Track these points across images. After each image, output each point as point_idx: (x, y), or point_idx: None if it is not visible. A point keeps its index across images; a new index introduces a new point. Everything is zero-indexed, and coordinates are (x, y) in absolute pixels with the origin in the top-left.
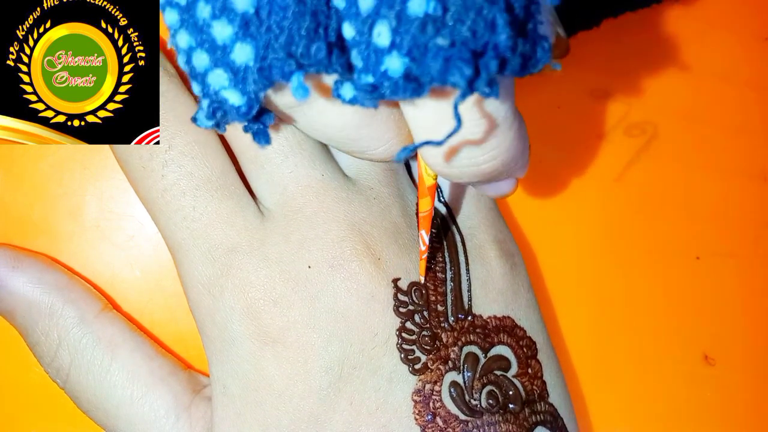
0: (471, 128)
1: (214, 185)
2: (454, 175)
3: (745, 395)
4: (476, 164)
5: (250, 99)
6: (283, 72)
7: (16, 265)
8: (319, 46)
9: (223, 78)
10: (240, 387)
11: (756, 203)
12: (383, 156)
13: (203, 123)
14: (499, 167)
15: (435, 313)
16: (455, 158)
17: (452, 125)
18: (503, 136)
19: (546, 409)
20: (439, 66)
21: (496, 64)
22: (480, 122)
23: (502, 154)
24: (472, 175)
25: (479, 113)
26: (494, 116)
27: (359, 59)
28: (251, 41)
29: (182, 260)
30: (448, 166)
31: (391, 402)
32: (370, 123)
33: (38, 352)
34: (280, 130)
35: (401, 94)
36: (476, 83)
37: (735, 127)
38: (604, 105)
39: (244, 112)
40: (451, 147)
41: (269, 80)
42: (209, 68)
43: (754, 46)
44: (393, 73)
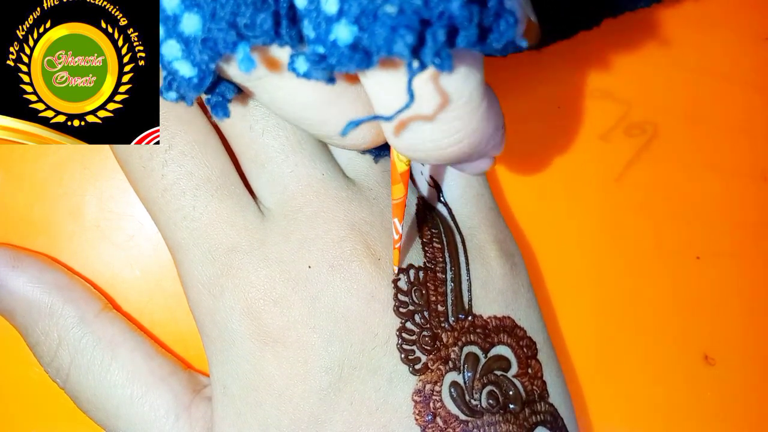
0: (425, 104)
1: (214, 185)
2: (420, 158)
3: (745, 395)
4: (440, 147)
5: (201, 70)
6: (226, 43)
7: (16, 264)
8: (265, 17)
9: (175, 49)
10: (240, 387)
11: (756, 203)
12: (353, 142)
13: (166, 95)
14: (466, 149)
15: (435, 313)
16: (417, 140)
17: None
18: (468, 118)
19: (546, 409)
20: (385, 34)
21: (444, 33)
22: (435, 99)
23: (468, 137)
24: (438, 158)
25: (434, 88)
26: (453, 94)
27: (310, 29)
28: (198, 11)
29: (182, 260)
30: (411, 148)
31: (392, 402)
32: (334, 103)
33: (38, 352)
34: (280, 129)
35: (347, 64)
36: (422, 53)
37: (735, 127)
38: (604, 105)
39: (195, 84)
40: (400, 122)
41: (215, 52)
42: (163, 39)
43: (755, 46)
44: (341, 42)
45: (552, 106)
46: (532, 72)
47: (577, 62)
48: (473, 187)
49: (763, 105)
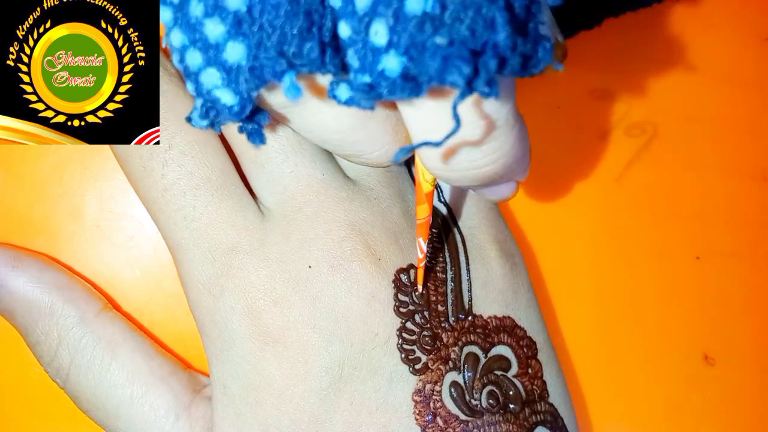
0: (470, 129)
1: (214, 185)
2: (453, 179)
3: (745, 395)
4: (476, 167)
5: (243, 99)
6: (274, 72)
7: (16, 264)
8: (312, 46)
9: (215, 77)
10: (240, 387)
11: (756, 203)
12: (379, 160)
13: (197, 123)
14: (499, 170)
15: (435, 313)
16: (454, 161)
17: (451, 126)
18: (504, 139)
19: (546, 409)
20: (437, 65)
21: (496, 63)
22: (479, 123)
23: (503, 157)
24: (473, 179)
25: (478, 114)
26: (494, 117)
27: (355, 59)
28: (243, 40)
29: (182, 260)
30: (447, 170)
31: (392, 402)
32: (366, 126)
33: (38, 352)
34: (280, 129)
35: (399, 93)
36: (475, 83)
37: (735, 127)
38: (604, 105)
39: (236, 112)
40: (449, 148)
41: (261, 80)
42: (202, 67)
43: (755, 46)
44: (390, 72)
45: (552, 106)
46: None
47: (578, 62)
48: None
49: (763, 105)
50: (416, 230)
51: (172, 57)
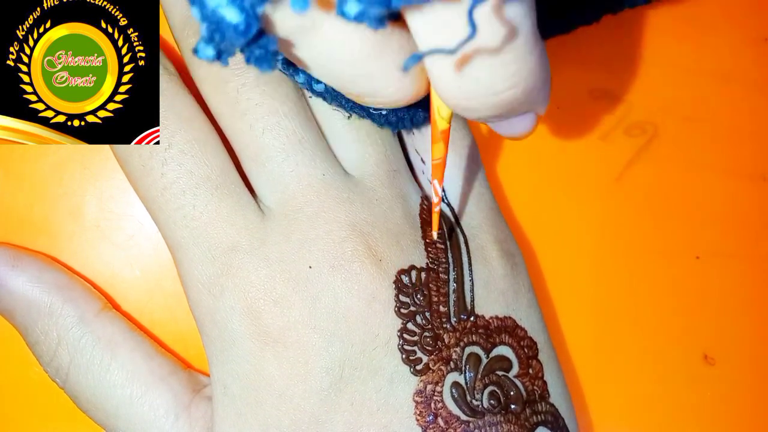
0: (487, 35)
1: (214, 183)
2: (472, 107)
3: (745, 395)
4: (496, 92)
5: (248, 15)
6: None
7: (16, 264)
8: None
9: None
10: (240, 387)
11: (756, 203)
12: (395, 97)
13: (204, 52)
14: (519, 96)
15: (437, 314)
16: (472, 83)
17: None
18: (525, 58)
19: (547, 409)
20: None
21: None
22: (498, 29)
23: (525, 80)
24: (492, 106)
25: (498, 19)
26: (515, 25)
27: None
28: None
29: (182, 259)
30: (464, 95)
31: (393, 403)
32: (379, 55)
33: (37, 352)
34: (281, 128)
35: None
36: None
37: (735, 127)
38: (604, 105)
39: (242, 31)
40: (463, 56)
41: None
42: None
43: (754, 46)
44: None
45: (552, 106)
46: None
47: (577, 62)
48: (474, 187)
49: (763, 105)
50: (431, 171)
51: None
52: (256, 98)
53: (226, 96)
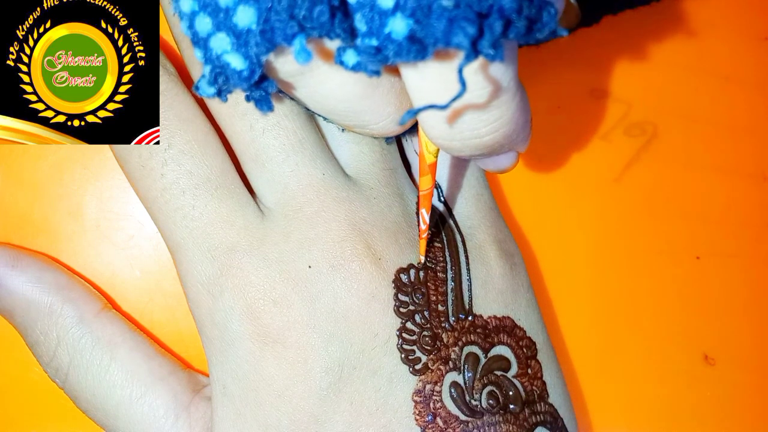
0: (475, 92)
1: (214, 184)
2: (456, 148)
3: (745, 395)
4: (479, 135)
5: (252, 63)
6: (285, 35)
7: (16, 264)
8: (322, 9)
9: (225, 42)
10: (240, 387)
11: (756, 203)
12: (383, 130)
13: (205, 90)
14: (501, 139)
15: (436, 313)
16: (458, 129)
17: (455, 91)
18: (506, 106)
19: (546, 409)
20: (443, 27)
21: (501, 25)
22: (484, 87)
23: (506, 125)
24: (475, 147)
25: (483, 78)
26: (499, 82)
27: (363, 23)
28: (254, 3)
29: (182, 260)
30: (450, 138)
31: (392, 402)
32: (371, 94)
33: (37, 352)
34: (281, 128)
35: (405, 56)
36: (480, 44)
37: (735, 127)
38: (604, 105)
39: (246, 77)
40: (453, 113)
41: (271, 43)
42: (212, 32)
43: (754, 46)
44: (397, 35)
45: (552, 106)
46: (532, 72)
47: (577, 62)
48: (473, 186)
49: (763, 105)
50: (419, 201)
51: (180, 24)
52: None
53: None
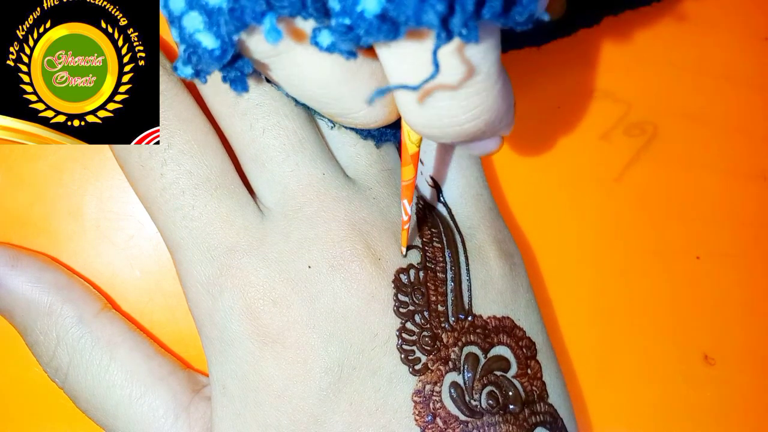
0: (449, 74)
1: (214, 184)
2: (436, 135)
3: (745, 395)
4: (458, 123)
5: (224, 42)
6: (254, 13)
7: (16, 264)
8: None
9: (197, 21)
10: (239, 387)
11: (756, 203)
12: (366, 119)
13: (181, 71)
14: (481, 126)
15: (435, 313)
16: (435, 115)
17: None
18: (486, 93)
19: (545, 409)
20: (413, 5)
21: (473, 3)
22: (459, 69)
23: (485, 113)
24: (455, 135)
25: (459, 60)
26: (475, 66)
27: (336, 1)
28: None
29: (181, 260)
30: (428, 125)
31: (391, 403)
32: (350, 80)
33: (37, 352)
34: (281, 128)
35: (376, 35)
36: (451, 23)
37: (735, 127)
38: (604, 105)
39: (218, 56)
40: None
41: (241, 22)
42: (184, 11)
43: (754, 46)
44: (368, 13)
45: (552, 106)
46: (532, 72)
47: (577, 62)
48: (473, 187)
49: (763, 105)
50: (401, 192)
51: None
52: (256, 98)
53: (225, 96)
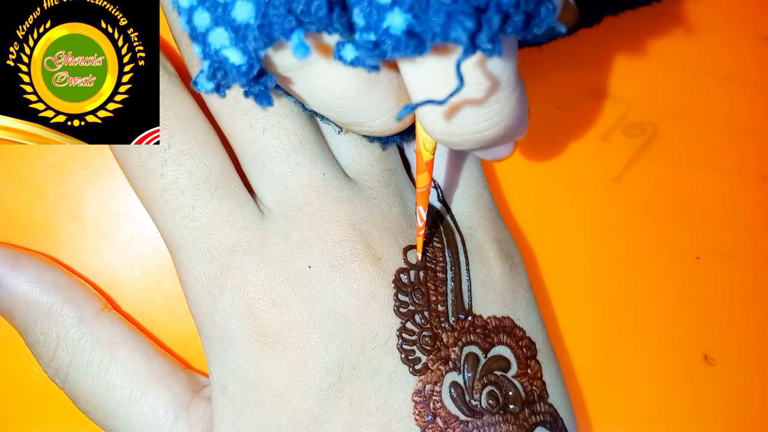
0: (473, 87)
1: (214, 184)
2: (456, 143)
3: (745, 395)
4: (479, 131)
5: (251, 58)
6: (283, 29)
7: (16, 264)
8: (320, 4)
9: (224, 37)
10: (239, 387)
11: (756, 203)
12: (381, 128)
13: (203, 86)
14: (500, 132)
15: (435, 313)
16: (457, 124)
17: (454, 86)
18: (506, 101)
19: (546, 409)
20: (441, 21)
21: (499, 20)
22: (482, 82)
23: (505, 119)
24: (475, 142)
25: (482, 73)
26: (497, 77)
27: (361, 17)
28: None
29: (181, 260)
30: (449, 134)
31: (392, 403)
32: (369, 90)
33: (37, 352)
34: (281, 128)
35: (403, 51)
36: (478, 39)
37: (735, 127)
38: (604, 105)
39: (244, 72)
40: (451, 108)
41: (269, 38)
42: (210, 27)
43: (754, 46)
44: (395, 30)
45: (552, 106)
46: (532, 72)
47: (577, 62)
48: (472, 187)
49: (763, 105)
50: (416, 198)
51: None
52: None
53: (226, 96)
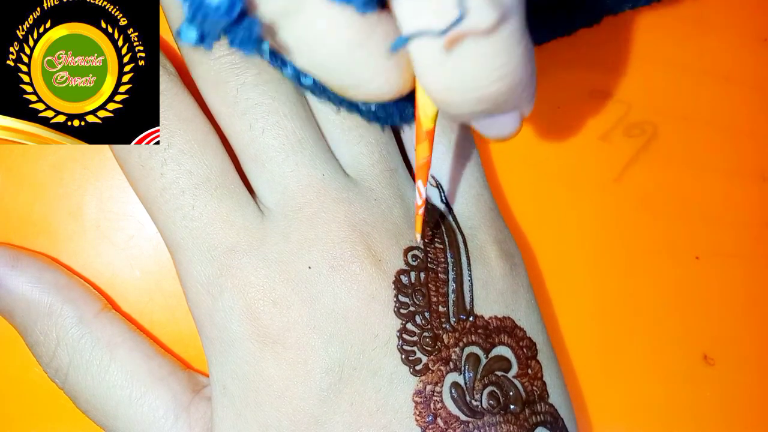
0: (478, 17)
1: (214, 184)
2: (456, 102)
3: (745, 395)
4: (480, 85)
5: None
6: None
7: (15, 264)
8: None
9: None
10: (239, 388)
11: (756, 203)
12: (379, 91)
13: (186, 35)
14: (505, 91)
15: (436, 314)
16: (458, 74)
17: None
18: (511, 51)
19: (546, 409)
20: None
21: None
22: (489, 11)
23: (510, 74)
24: (477, 100)
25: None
26: (505, 9)
27: None
28: None
29: (181, 260)
30: (449, 86)
31: (392, 403)
32: (364, 43)
33: (37, 352)
34: (281, 128)
35: None
36: None
37: (735, 127)
38: (604, 105)
39: (223, 12)
40: (449, 40)
41: None
42: None
43: (754, 46)
44: None
45: (552, 106)
46: None
47: (577, 62)
48: (473, 187)
49: (763, 105)
50: (416, 172)
51: None
52: (255, 98)
53: (225, 96)
